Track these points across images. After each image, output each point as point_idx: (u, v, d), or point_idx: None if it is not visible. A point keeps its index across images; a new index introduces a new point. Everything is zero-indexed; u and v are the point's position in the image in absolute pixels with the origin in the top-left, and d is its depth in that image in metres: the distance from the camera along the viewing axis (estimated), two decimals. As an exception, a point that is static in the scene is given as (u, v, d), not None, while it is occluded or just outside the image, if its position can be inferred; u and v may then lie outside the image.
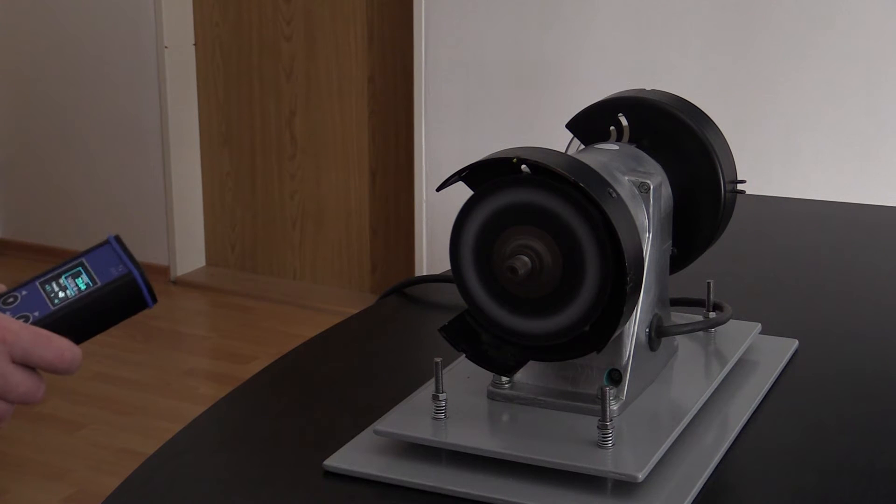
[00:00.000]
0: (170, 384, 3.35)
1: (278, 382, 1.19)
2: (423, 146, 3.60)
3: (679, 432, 0.98)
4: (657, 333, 1.05)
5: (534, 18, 3.37)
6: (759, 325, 1.21)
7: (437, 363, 0.99)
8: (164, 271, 4.16)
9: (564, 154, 0.98)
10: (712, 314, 1.18)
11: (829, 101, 3.06)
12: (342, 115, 3.92)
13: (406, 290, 1.42)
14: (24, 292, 0.88)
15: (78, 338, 0.87)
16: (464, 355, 1.02)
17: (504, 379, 1.02)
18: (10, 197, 4.50)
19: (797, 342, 1.22)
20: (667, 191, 1.07)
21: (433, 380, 1.00)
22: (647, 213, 1.03)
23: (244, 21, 4.02)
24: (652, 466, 0.92)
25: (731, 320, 1.14)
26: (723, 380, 1.09)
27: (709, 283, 1.18)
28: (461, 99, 3.52)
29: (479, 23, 3.45)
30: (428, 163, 3.60)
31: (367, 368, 1.23)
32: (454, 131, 3.55)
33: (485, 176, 0.96)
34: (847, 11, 3.00)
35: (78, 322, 0.87)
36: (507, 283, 0.95)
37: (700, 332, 1.16)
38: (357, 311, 1.37)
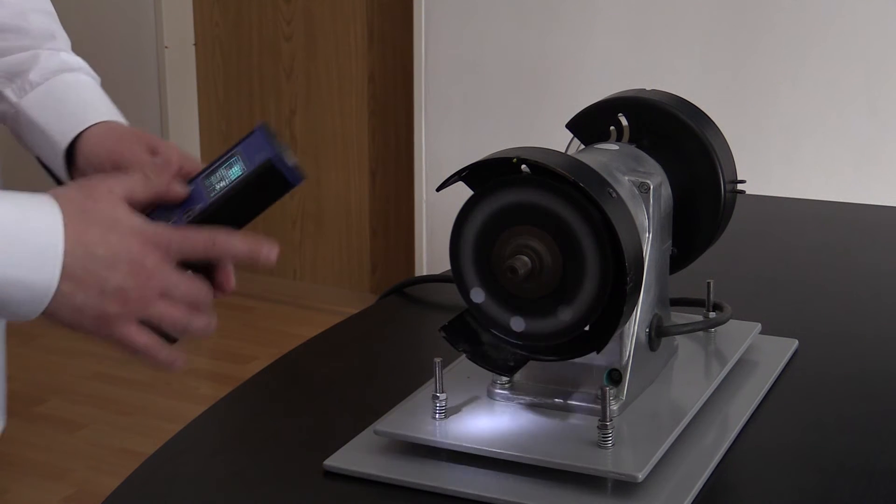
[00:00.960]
0: (170, 384, 3.35)
1: (278, 382, 1.19)
2: (423, 146, 3.59)
3: (679, 432, 0.98)
4: (657, 333, 1.05)
5: (534, 18, 3.37)
6: (759, 325, 1.21)
7: (437, 363, 0.99)
8: (164, 271, 4.15)
9: (564, 154, 0.98)
10: (712, 314, 1.18)
11: (830, 101, 3.06)
12: (342, 114, 3.92)
13: (406, 290, 1.42)
14: (190, 188, 0.90)
15: (238, 225, 0.89)
16: (464, 355, 1.02)
17: (504, 379, 1.02)
18: (10, 197, 4.49)
19: (797, 342, 1.22)
20: (667, 191, 1.07)
21: (433, 380, 1.00)
22: (647, 213, 1.03)
23: (244, 21, 4.02)
24: (652, 466, 0.92)
25: (731, 320, 1.14)
26: (723, 380, 1.09)
27: (709, 283, 1.18)
28: (461, 99, 3.52)
29: (479, 23, 3.45)
30: (428, 163, 3.60)
31: (367, 368, 1.23)
32: (454, 131, 3.54)
33: (485, 176, 0.96)
34: (847, 12, 3.00)
35: (233, 210, 0.89)
36: (507, 283, 0.95)
37: (700, 332, 1.16)
38: (357, 311, 1.37)
